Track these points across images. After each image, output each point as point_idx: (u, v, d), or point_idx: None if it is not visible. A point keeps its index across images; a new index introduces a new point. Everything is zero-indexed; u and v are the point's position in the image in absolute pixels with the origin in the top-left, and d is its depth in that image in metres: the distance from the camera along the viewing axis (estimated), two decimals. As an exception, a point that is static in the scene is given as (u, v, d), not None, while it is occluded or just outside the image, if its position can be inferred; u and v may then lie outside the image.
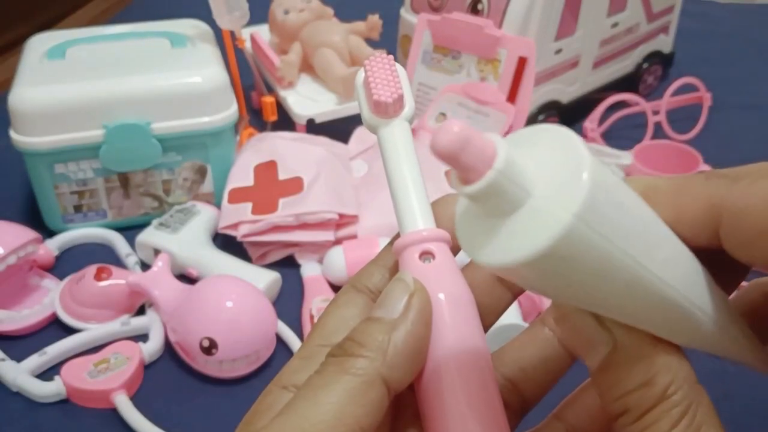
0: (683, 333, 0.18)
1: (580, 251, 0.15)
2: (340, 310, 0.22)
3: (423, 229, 0.21)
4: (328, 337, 0.21)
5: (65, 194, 0.62)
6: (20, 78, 0.61)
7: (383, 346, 0.19)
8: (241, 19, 0.67)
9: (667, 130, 0.75)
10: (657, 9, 0.81)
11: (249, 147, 0.66)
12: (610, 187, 0.16)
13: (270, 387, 0.21)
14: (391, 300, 0.20)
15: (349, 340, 0.19)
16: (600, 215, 0.15)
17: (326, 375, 0.19)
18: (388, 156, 0.23)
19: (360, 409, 0.18)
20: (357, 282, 0.23)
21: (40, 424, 0.48)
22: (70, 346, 0.51)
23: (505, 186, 0.16)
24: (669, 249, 0.17)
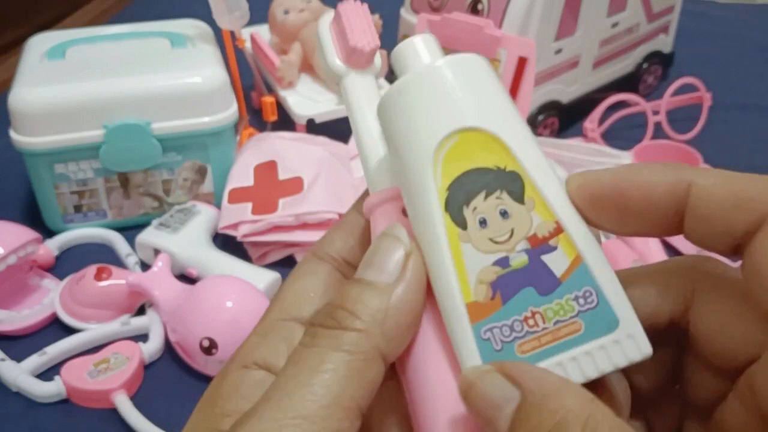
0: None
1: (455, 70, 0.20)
2: (300, 280, 0.20)
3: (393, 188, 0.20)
4: (288, 311, 0.20)
5: (65, 194, 0.62)
6: (20, 78, 0.61)
7: (379, 316, 0.17)
8: (241, 19, 0.67)
9: (667, 130, 0.75)
10: (657, 9, 0.81)
11: (249, 147, 0.66)
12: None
13: (229, 367, 0.19)
14: (384, 260, 0.18)
15: (340, 309, 0.17)
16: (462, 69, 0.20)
17: (318, 352, 0.17)
18: (356, 108, 0.22)
19: (359, 391, 0.17)
20: (318, 250, 0.21)
21: (40, 424, 0.48)
22: (70, 346, 0.51)
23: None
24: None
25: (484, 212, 0.19)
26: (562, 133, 0.77)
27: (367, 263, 0.18)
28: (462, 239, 0.19)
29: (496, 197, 0.19)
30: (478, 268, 0.19)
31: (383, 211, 0.20)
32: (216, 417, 0.18)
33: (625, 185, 0.18)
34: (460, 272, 0.18)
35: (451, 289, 0.18)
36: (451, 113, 0.19)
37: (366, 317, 0.17)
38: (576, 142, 0.74)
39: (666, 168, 0.18)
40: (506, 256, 0.19)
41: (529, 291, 0.18)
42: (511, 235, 0.19)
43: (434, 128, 0.19)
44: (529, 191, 0.19)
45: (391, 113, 0.20)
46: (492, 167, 0.19)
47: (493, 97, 0.20)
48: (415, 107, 0.19)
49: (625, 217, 0.18)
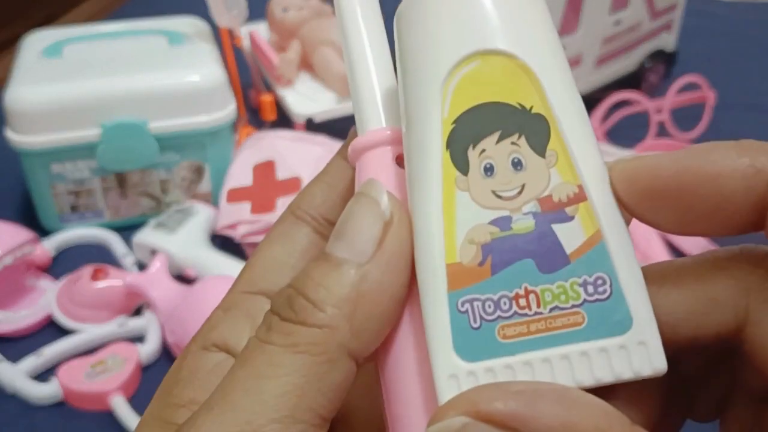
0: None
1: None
2: (273, 246, 0.17)
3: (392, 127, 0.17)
4: (256, 282, 0.17)
5: (62, 194, 0.62)
6: (16, 76, 0.60)
7: (347, 308, 0.14)
8: (239, 17, 0.66)
9: (671, 128, 0.74)
10: (660, 7, 0.80)
11: (247, 146, 0.66)
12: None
13: (189, 346, 0.17)
14: (356, 230, 0.14)
15: (299, 296, 0.14)
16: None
17: (271, 352, 0.14)
18: (350, 26, 0.18)
19: (319, 398, 0.14)
20: (296, 207, 0.17)
21: (36, 426, 0.47)
22: (66, 348, 0.51)
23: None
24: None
25: (493, 157, 0.15)
26: (563, 132, 0.76)
27: (337, 234, 0.15)
28: (459, 185, 0.15)
29: (511, 142, 0.15)
30: (470, 224, 0.15)
31: (372, 158, 0.17)
32: (170, 407, 0.16)
33: (690, 177, 0.14)
34: (447, 224, 0.15)
35: (432, 242, 0.15)
36: (476, 30, 0.15)
37: (330, 309, 0.14)
38: (578, 140, 0.73)
39: (741, 151, 0.14)
40: (508, 216, 0.15)
41: (528, 264, 0.15)
42: (520, 192, 0.15)
43: (452, 46, 0.16)
44: (555, 142, 0.15)
45: (405, 25, 0.17)
46: (514, 104, 0.15)
47: (532, 20, 0.16)
48: (434, 19, 0.16)
49: (690, 215, 0.14)
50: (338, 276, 0.14)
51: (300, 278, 0.14)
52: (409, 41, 0.16)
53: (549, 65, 0.16)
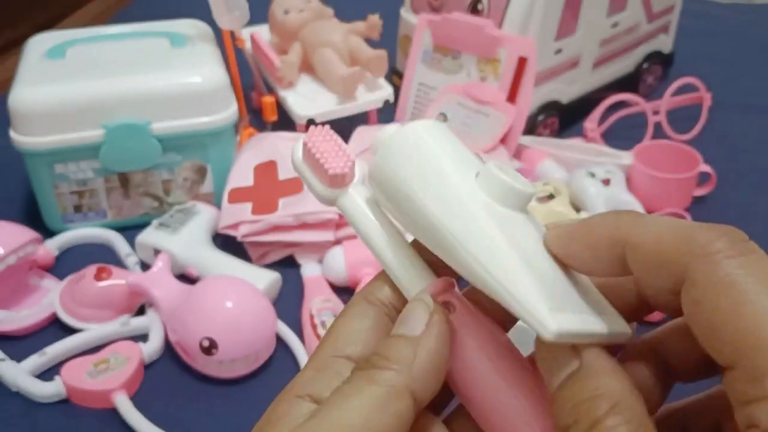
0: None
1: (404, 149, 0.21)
2: (352, 321, 0.22)
3: (427, 285, 0.22)
4: (342, 349, 0.21)
5: (65, 194, 0.62)
6: (20, 78, 0.61)
7: (409, 360, 0.20)
8: (240, 19, 0.67)
9: (667, 130, 0.75)
10: (657, 9, 0.81)
11: (249, 147, 0.66)
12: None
13: (282, 396, 0.21)
14: (413, 318, 0.21)
15: (375, 355, 0.20)
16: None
17: (354, 384, 0.20)
18: (361, 223, 0.22)
19: (387, 419, 0.19)
20: (368, 294, 0.23)
21: (39, 424, 0.48)
22: (70, 347, 0.51)
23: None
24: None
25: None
26: (562, 133, 0.77)
27: (400, 322, 0.21)
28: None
29: None
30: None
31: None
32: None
33: (572, 246, 0.20)
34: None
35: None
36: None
37: (396, 360, 0.20)
38: (576, 142, 0.74)
39: (605, 226, 0.20)
40: None
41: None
42: None
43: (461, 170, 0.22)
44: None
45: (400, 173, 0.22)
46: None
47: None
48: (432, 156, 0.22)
49: (603, 263, 0.20)
50: (402, 341, 0.20)
51: (375, 349, 0.21)
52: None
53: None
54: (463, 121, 0.69)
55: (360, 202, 0.23)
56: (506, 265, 0.19)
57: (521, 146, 0.70)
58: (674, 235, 0.18)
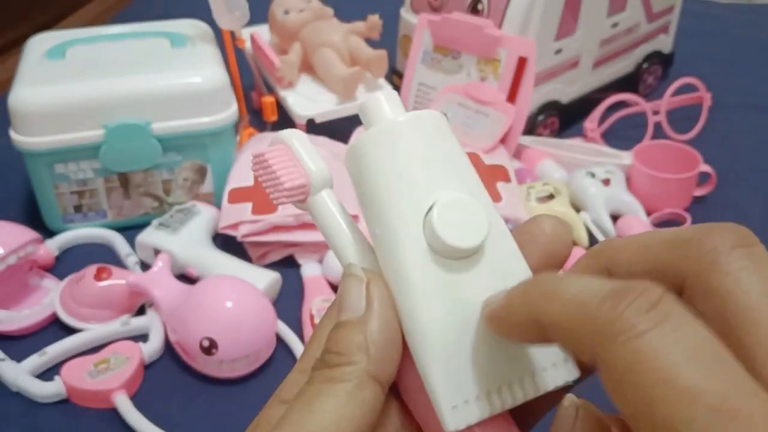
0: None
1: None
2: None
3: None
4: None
5: (65, 194, 0.62)
6: (20, 78, 0.61)
7: (363, 346, 0.19)
8: (241, 19, 0.67)
9: (667, 130, 0.75)
10: (657, 9, 0.81)
11: (249, 147, 0.66)
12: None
13: (270, 401, 0.21)
14: (349, 299, 0.20)
15: (328, 353, 0.19)
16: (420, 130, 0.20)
17: (316, 385, 0.19)
18: (327, 227, 0.22)
19: (356, 410, 0.18)
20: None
21: (40, 424, 0.48)
22: (70, 347, 0.51)
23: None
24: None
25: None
26: (562, 133, 0.77)
27: (339, 308, 0.20)
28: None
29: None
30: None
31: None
32: None
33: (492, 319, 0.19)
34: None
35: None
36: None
37: (350, 351, 0.19)
38: (576, 142, 0.74)
39: (521, 306, 0.18)
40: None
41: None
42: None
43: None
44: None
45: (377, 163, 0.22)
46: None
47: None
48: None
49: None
50: (349, 330, 0.19)
51: (325, 344, 0.20)
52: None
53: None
54: (463, 121, 0.69)
55: (324, 209, 0.22)
56: (422, 346, 0.19)
57: (521, 146, 0.70)
58: (580, 314, 0.16)
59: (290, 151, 0.22)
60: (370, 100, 0.21)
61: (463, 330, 0.19)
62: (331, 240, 0.21)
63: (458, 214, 0.19)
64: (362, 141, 0.21)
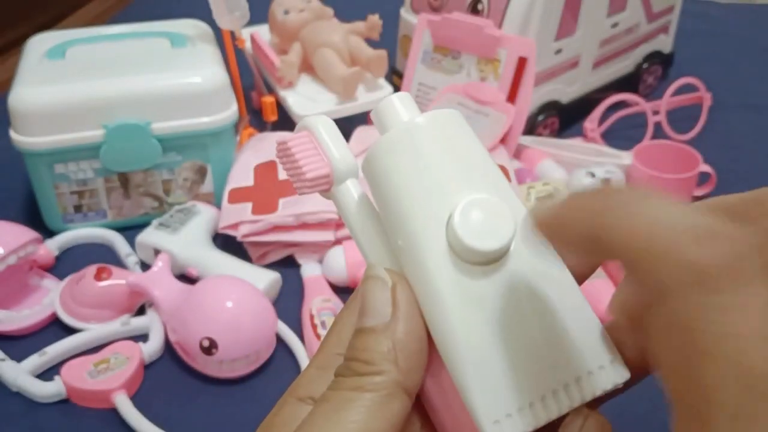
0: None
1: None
2: (355, 315, 0.21)
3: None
4: (345, 345, 0.20)
5: (65, 194, 0.62)
6: (20, 78, 0.61)
7: (391, 356, 0.18)
8: (241, 19, 0.67)
9: (667, 130, 0.75)
10: (657, 9, 0.81)
11: (249, 147, 0.66)
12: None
13: (285, 397, 0.20)
14: (374, 303, 0.19)
15: (354, 361, 0.19)
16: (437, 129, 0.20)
17: (343, 392, 0.18)
18: (349, 218, 0.21)
19: (385, 422, 0.18)
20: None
21: (40, 424, 0.48)
22: (70, 346, 0.51)
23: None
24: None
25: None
26: (562, 133, 0.77)
27: (362, 312, 0.19)
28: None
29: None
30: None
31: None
32: None
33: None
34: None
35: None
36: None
37: (378, 361, 0.18)
38: (576, 142, 0.74)
39: (580, 218, 0.17)
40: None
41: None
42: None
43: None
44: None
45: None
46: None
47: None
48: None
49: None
50: (374, 338, 0.18)
51: (349, 350, 0.19)
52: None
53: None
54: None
55: (348, 199, 0.21)
56: (456, 360, 0.18)
57: (521, 146, 0.70)
58: (663, 244, 0.14)
59: (314, 138, 0.21)
60: (384, 103, 0.21)
61: (500, 338, 0.18)
62: (354, 234, 0.21)
63: (482, 216, 0.18)
64: (380, 146, 0.20)
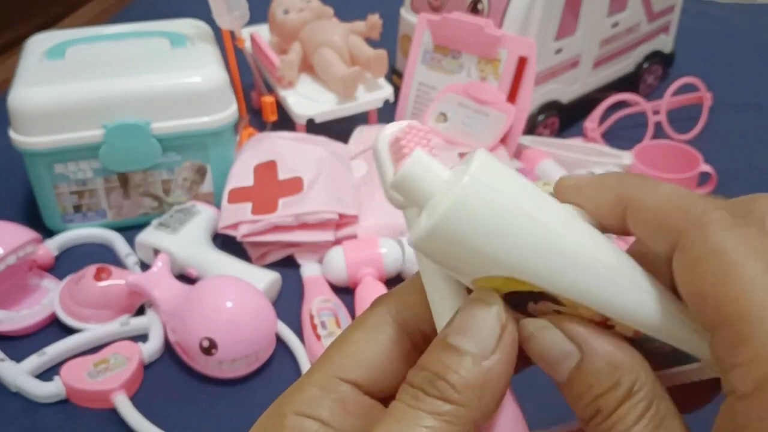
0: (608, 298, 0.18)
1: (475, 208, 0.17)
2: (368, 337, 0.20)
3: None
4: (351, 371, 0.20)
5: (65, 194, 0.62)
6: (20, 78, 0.61)
7: (477, 390, 0.18)
8: (240, 19, 0.67)
9: (668, 130, 0.75)
10: (657, 9, 0.81)
11: (249, 147, 0.66)
12: (494, 174, 0.18)
13: (282, 409, 0.19)
14: (479, 330, 0.18)
15: (440, 380, 0.18)
16: (491, 179, 0.18)
17: (421, 414, 0.18)
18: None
19: None
20: (394, 310, 0.21)
21: (39, 424, 0.48)
22: (69, 347, 0.51)
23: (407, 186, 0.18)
24: (564, 212, 0.19)
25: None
26: (562, 133, 0.77)
27: (461, 329, 0.18)
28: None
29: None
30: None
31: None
32: None
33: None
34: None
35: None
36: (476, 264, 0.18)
37: (464, 390, 0.18)
38: (576, 142, 0.74)
39: (611, 184, 0.20)
40: None
41: None
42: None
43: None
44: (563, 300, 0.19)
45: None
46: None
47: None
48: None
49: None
50: (468, 364, 0.18)
51: (436, 363, 0.18)
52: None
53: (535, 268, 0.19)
54: (463, 121, 0.69)
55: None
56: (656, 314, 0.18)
57: (521, 146, 0.70)
58: (674, 201, 0.18)
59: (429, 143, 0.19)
60: (410, 172, 0.18)
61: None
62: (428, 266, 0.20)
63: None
64: (456, 209, 0.17)
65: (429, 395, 0.18)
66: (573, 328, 0.18)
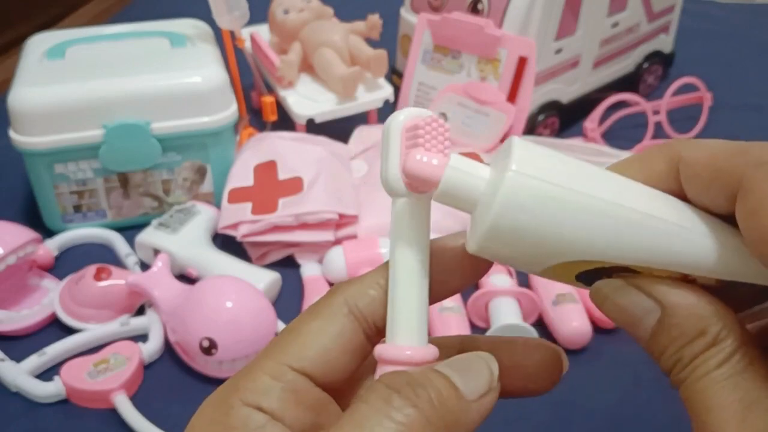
0: (682, 256, 0.18)
1: (525, 201, 0.17)
2: (321, 326, 0.20)
3: (411, 348, 0.20)
4: (301, 358, 0.20)
5: (65, 194, 0.62)
6: (20, 78, 0.61)
7: (444, 414, 0.18)
8: (240, 19, 0.67)
9: (668, 129, 0.75)
10: (657, 9, 0.81)
11: (249, 147, 0.66)
12: (540, 155, 0.18)
13: (231, 400, 0.19)
14: (475, 375, 0.19)
15: (419, 386, 0.18)
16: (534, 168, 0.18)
17: (374, 412, 0.18)
18: (399, 237, 0.19)
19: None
20: (351, 301, 0.21)
21: (39, 424, 0.48)
22: (69, 347, 0.51)
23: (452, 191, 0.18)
24: (615, 179, 0.19)
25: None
26: (562, 133, 0.77)
27: (460, 369, 0.19)
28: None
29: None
30: None
31: (387, 368, 0.20)
32: None
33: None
34: None
35: None
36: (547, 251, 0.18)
37: (441, 420, 0.18)
38: (576, 142, 0.74)
39: (660, 148, 0.20)
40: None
41: None
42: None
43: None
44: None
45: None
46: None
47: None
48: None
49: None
50: (451, 398, 0.18)
51: (426, 382, 0.18)
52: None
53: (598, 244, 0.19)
54: (463, 121, 0.69)
55: (416, 217, 0.19)
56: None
57: (521, 146, 0.70)
58: (728, 149, 0.18)
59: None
60: (452, 179, 0.18)
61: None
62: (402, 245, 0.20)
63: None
64: (509, 203, 0.17)
65: (414, 407, 0.18)
66: (649, 284, 0.19)
